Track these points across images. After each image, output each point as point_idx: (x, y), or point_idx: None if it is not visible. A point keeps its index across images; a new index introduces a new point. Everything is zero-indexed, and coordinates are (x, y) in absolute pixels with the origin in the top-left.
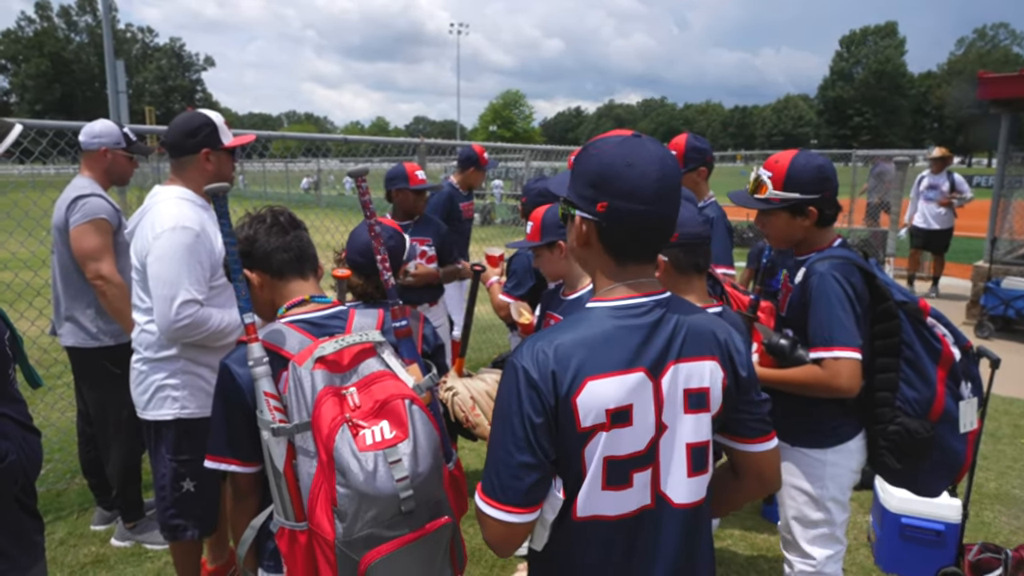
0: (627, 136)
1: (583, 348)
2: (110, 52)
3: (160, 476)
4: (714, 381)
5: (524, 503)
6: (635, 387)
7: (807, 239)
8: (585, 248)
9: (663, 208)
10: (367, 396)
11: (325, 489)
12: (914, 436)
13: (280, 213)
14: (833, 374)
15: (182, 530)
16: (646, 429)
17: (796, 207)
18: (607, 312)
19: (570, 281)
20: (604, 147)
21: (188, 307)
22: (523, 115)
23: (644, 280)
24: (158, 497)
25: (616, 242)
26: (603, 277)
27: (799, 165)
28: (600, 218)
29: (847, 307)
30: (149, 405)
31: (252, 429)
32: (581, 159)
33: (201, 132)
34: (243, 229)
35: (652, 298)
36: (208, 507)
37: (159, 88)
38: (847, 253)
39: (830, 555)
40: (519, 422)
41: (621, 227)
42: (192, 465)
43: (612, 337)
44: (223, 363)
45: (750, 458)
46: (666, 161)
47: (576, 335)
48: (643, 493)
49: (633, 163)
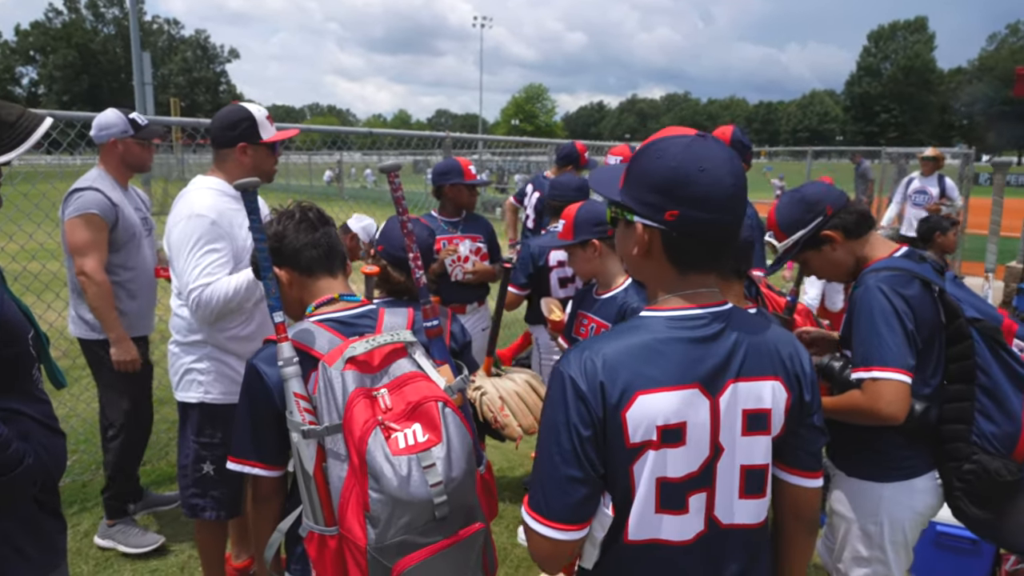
0: (693, 136)
1: (634, 359)
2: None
3: (184, 456)
4: (776, 402)
5: (572, 519)
6: (689, 404)
7: (859, 256)
8: (644, 257)
9: (735, 215)
10: (399, 398)
11: (357, 493)
12: (994, 478)
13: (309, 209)
14: (872, 397)
15: (200, 510)
16: (700, 450)
17: (812, 242)
18: (662, 322)
19: (604, 280)
20: (670, 150)
21: (193, 293)
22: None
23: (704, 290)
24: (180, 475)
25: (682, 251)
26: (661, 286)
27: (781, 208)
28: (668, 227)
29: (892, 323)
30: (179, 387)
31: (278, 431)
32: (643, 162)
33: (240, 126)
34: (271, 225)
35: (711, 310)
36: (227, 491)
37: (184, 80)
38: (906, 264)
39: None
40: (566, 434)
41: (691, 237)
42: (213, 448)
43: (665, 349)
44: (250, 362)
45: (792, 492)
46: (735, 164)
47: (626, 344)
48: (698, 518)
49: (706, 168)
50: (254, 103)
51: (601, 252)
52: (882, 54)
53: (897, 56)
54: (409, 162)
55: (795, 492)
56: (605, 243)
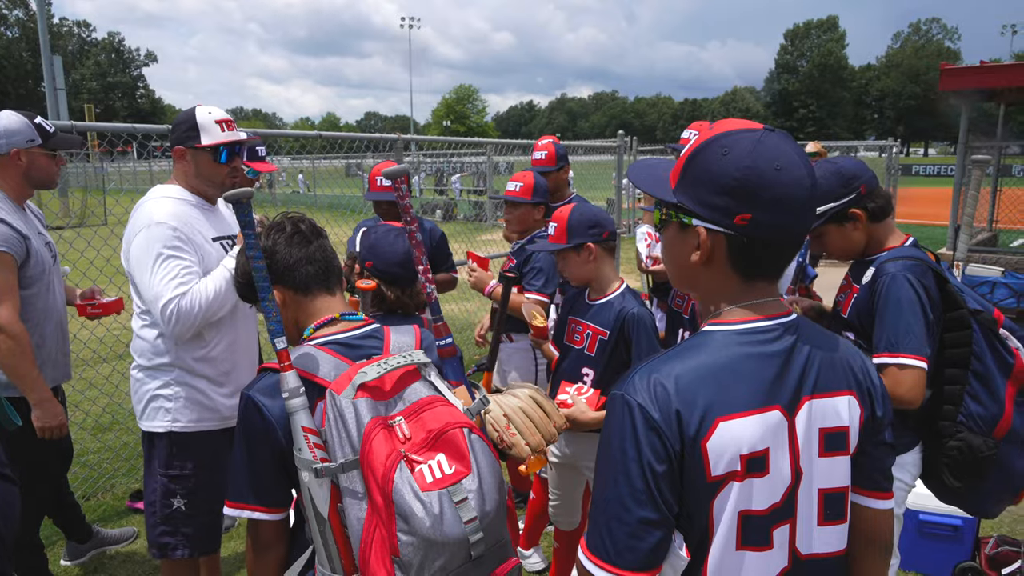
0: (761, 131)
1: (710, 381)
2: (46, 47)
3: (151, 491)
4: (852, 419)
5: (644, 566)
6: (773, 429)
7: (872, 239)
8: (705, 264)
9: (810, 218)
10: (418, 426)
11: (380, 535)
12: (976, 453)
13: (300, 220)
14: (895, 382)
15: (172, 548)
16: (782, 478)
17: (838, 216)
18: (732, 337)
19: (597, 285)
20: (738, 147)
21: (169, 305)
22: (476, 110)
23: (770, 300)
24: (147, 512)
25: (750, 258)
26: (723, 296)
27: (819, 176)
28: (739, 231)
29: (918, 312)
30: (143, 415)
31: (280, 469)
32: (705, 160)
33: (178, 129)
34: (260, 241)
35: (779, 321)
36: (200, 527)
37: (98, 85)
38: (920, 254)
39: None
40: (638, 471)
41: (765, 242)
42: (183, 481)
43: (742, 368)
44: (246, 394)
45: (865, 514)
46: (808, 161)
47: (698, 364)
48: (782, 553)
49: (783, 167)
50: (213, 107)
51: (596, 256)
52: (798, 52)
53: (812, 54)
54: (341, 165)
55: (868, 515)
56: (600, 246)
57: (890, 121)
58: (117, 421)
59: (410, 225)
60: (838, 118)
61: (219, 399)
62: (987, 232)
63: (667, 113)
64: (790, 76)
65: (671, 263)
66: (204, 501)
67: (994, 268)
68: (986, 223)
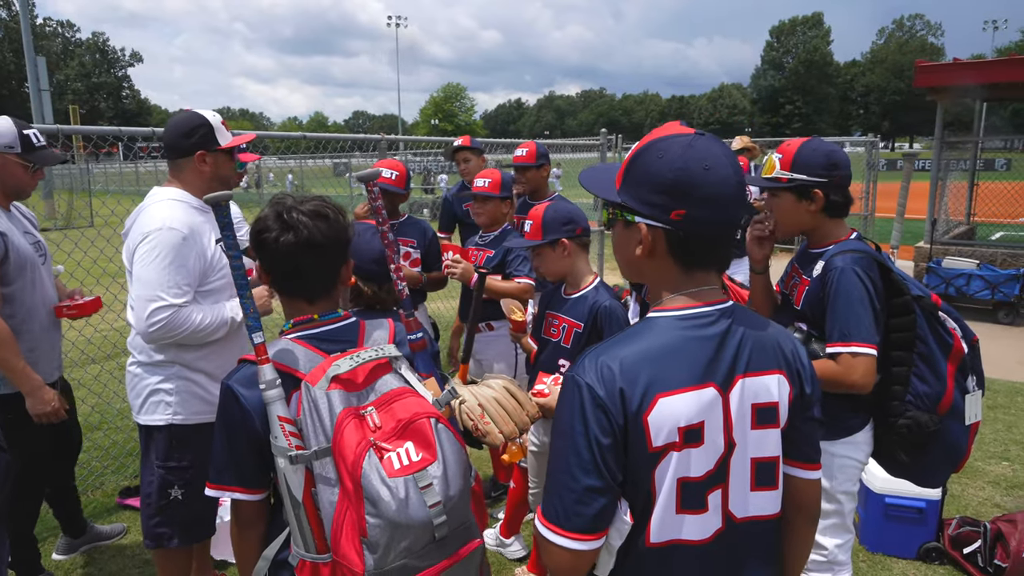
0: (692, 135)
1: (651, 362)
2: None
3: (147, 483)
4: (782, 395)
5: (591, 529)
6: (708, 404)
7: (819, 229)
8: (648, 257)
9: (739, 212)
10: (388, 415)
11: (351, 519)
12: (923, 429)
13: (304, 227)
14: (848, 369)
15: (167, 538)
16: (716, 448)
17: (802, 190)
18: (672, 323)
19: (572, 279)
20: (672, 150)
21: (162, 311)
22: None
23: (708, 288)
24: (143, 504)
25: (688, 250)
26: (666, 285)
27: (809, 148)
28: (675, 227)
29: (867, 303)
30: (142, 409)
31: (258, 454)
32: (644, 163)
33: (196, 133)
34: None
35: (717, 307)
36: (195, 516)
37: (83, 85)
38: (865, 247)
39: (840, 544)
40: (585, 444)
41: (698, 235)
42: (181, 473)
43: (681, 349)
44: (226, 384)
45: (794, 484)
46: (734, 159)
47: (642, 348)
48: (716, 516)
49: (710, 166)
50: (207, 110)
51: (571, 251)
52: (784, 48)
53: (798, 50)
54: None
55: (798, 484)
56: (574, 242)
57: (875, 116)
58: (105, 420)
59: (382, 225)
60: (824, 114)
61: (217, 393)
62: (964, 225)
63: (655, 110)
64: (776, 72)
65: (620, 257)
66: (199, 491)
67: (970, 261)
68: (963, 216)
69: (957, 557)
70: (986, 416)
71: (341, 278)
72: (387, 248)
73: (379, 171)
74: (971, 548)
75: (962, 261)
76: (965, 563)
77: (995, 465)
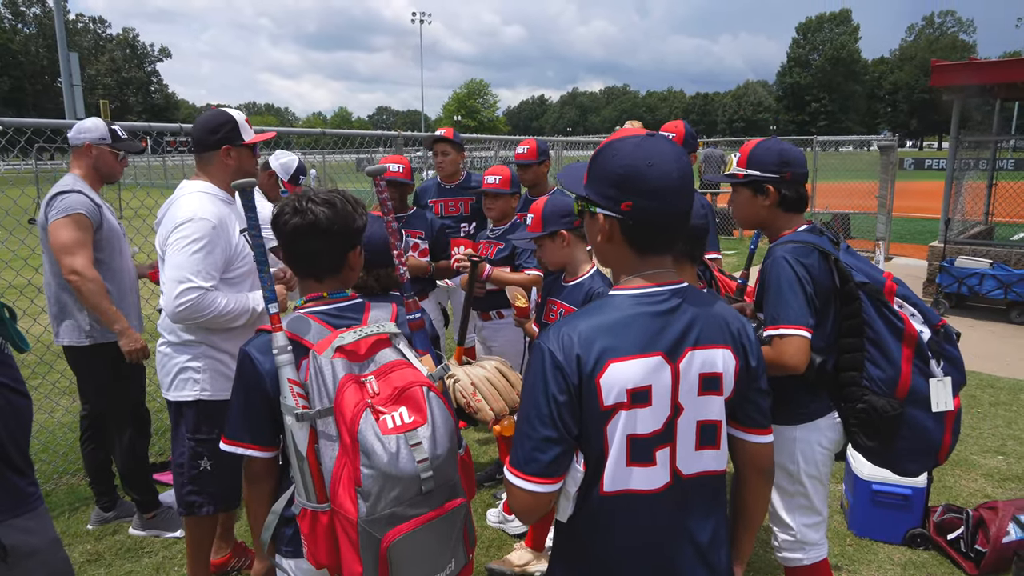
0: (644, 136)
1: (606, 333)
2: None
3: (179, 455)
4: (727, 367)
5: (546, 474)
6: (653, 369)
7: (774, 224)
8: (607, 243)
9: (683, 203)
10: (385, 383)
11: (348, 471)
12: (881, 414)
13: (312, 212)
14: (779, 351)
15: (199, 506)
16: (663, 409)
17: (756, 185)
18: (627, 300)
19: (571, 268)
20: (623, 149)
21: (190, 292)
22: (487, 104)
23: (662, 271)
24: (176, 474)
25: (638, 237)
26: (624, 268)
27: (763, 146)
28: (625, 216)
29: (795, 287)
30: (172, 386)
31: (270, 415)
32: (600, 161)
33: (222, 129)
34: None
35: (669, 288)
36: (224, 485)
37: (113, 80)
38: (808, 237)
39: (808, 523)
40: (544, 400)
41: (645, 223)
42: (210, 444)
43: (632, 323)
44: (243, 350)
45: (748, 448)
46: (682, 159)
47: (599, 320)
48: (664, 470)
49: (654, 163)
50: (231, 108)
51: (569, 242)
52: (810, 45)
53: (824, 47)
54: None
55: (751, 448)
56: (573, 233)
57: (903, 115)
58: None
59: (387, 216)
60: (850, 112)
61: None
62: (982, 225)
63: (678, 108)
64: (802, 70)
65: (590, 244)
66: (228, 462)
67: (983, 260)
68: (981, 216)
69: (941, 542)
70: (987, 412)
71: (349, 262)
72: (391, 236)
73: (386, 167)
74: (955, 534)
75: (975, 261)
76: (948, 548)
77: (990, 459)
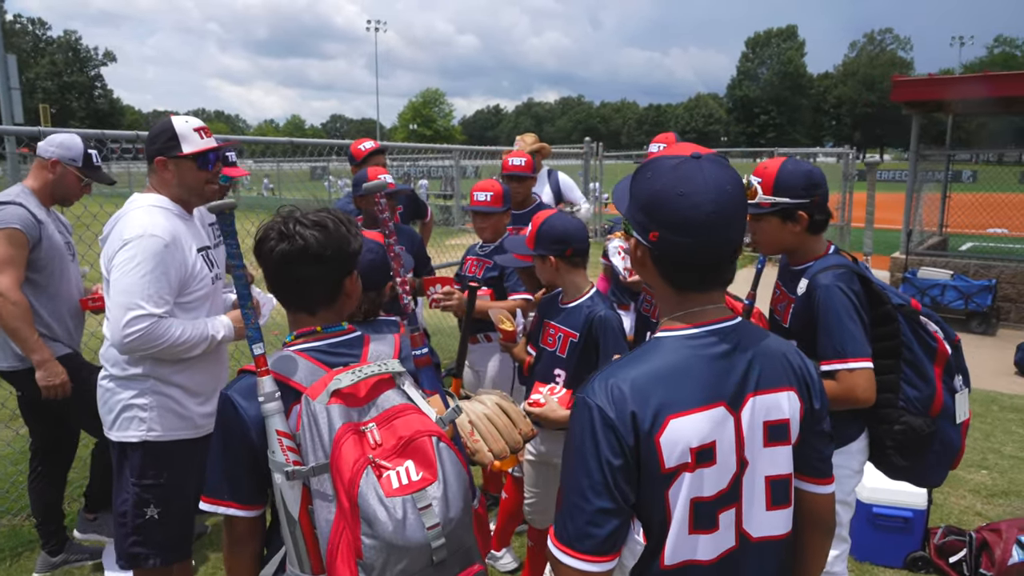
0: (685, 158)
1: (660, 383)
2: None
3: (122, 501)
4: (793, 412)
5: (603, 551)
6: (718, 423)
7: (801, 247)
8: (642, 269)
9: (716, 240)
10: (389, 432)
11: (347, 538)
12: (919, 433)
13: (303, 237)
14: (850, 387)
15: (144, 559)
16: (728, 466)
17: (786, 212)
18: (679, 342)
19: (568, 291)
20: (659, 170)
21: (140, 320)
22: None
23: (711, 307)
24: (118, 523)
25: (671, 273)
26: (666, 303)
27: (788, 170)
28: (653, 247)
29: (855, 318)
30: (115, 425)
31: (255, 468)
32: (638, 178)
33: (159, 140)
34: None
35: (721, 325)
36: (173, 535)
37: (54, 84)
38: (845, 260)
39: (837, 555)
40: (596, 465)
41: (674, 260)
42: (157, 490)
43: (689, 370)
44: (225, 394)
45: (808, 499)
46: (723, 188)
47: (650, 368)
48: (729, 534)
49: (685, 192)
50: (189, 116)
51: (558, 268)
52: (759, 59)
53: (772, 61)
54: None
55: (811, 499)
56: (562, 261)
57: (847, 128)
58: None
59: (388, 238)
60: (797, 124)
61: (194, 408)
62: (938, 236)
63: (632, 118)
64: (751, 83)
65: (634, 268)
66: (178, 509)
67: (944, 271)
68: (936, 227)
69: (943, 566)
70: None
71: (345, 290)
72: (393, 261)
73: (386, 181)
74: (956, 557)
75: (937, 272)
76: (951, 572)
77: (975, 473)
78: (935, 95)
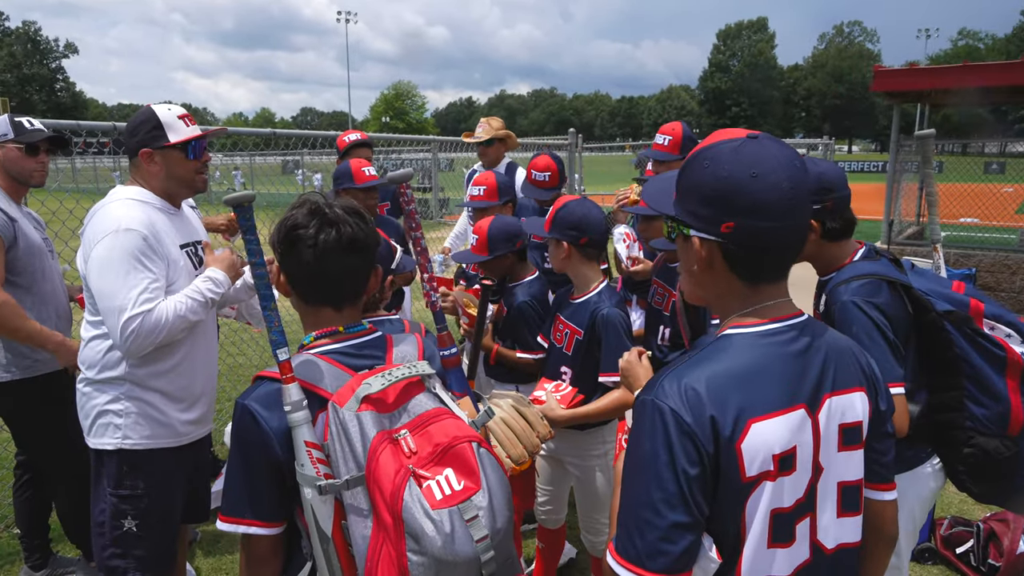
0: (743, 139)
1: (738, 384)
2: None
3: (99, 511)
4: (865, 414)
5: (676, 569)
6: (799, 427)
7: (821, 256)
8: (707, 271)
9: (798, 218)
10: (424, 439)
11: (389, 555)
12: (994, 456)
13: (341, 223)
14: None
15: (122, 572)
16: (805, 473)
17: None
18: (753, 339)
19: (578, 283)
20: (719, 156)
21: (132, 322)
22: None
23: (781, 301)
24: (95, 534)
25: (747, 263)
26: (733, 301)
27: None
28: (726, 239)
29: (876, 338)
30: (91, 432)
31: (276, 482)
32: (693, 172)
33: (140, 131)
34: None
35: (793, 321)
36: (154, 549)
37: (13, 77)
38: (870, 267)
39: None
40: (671, 475)
41: (753, 248)
42: (135, 501)
43: (767, 369)
44: (241, 403)
45: (874, 509)
46: (794, 163)
47: (724, 368)
48: (803, 546)
49: (759, 173)
50: (172, 104)
51: (570, 256)
52: (730, 51)
53: (743, 53)
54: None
55: (877, 508)
56: (575, 249)
57: (816, 119)
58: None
59: (415, 231)
60: (768, 116)
61: (174, 415)
62: (916, 226)
63: (604, 110)
64: (723, 75)
65: (683, 274)
66: (157, 522)
67: (925, 260)
68: (914, 217)
69: (950, 557)
70: None
71: (370, 286)
72: (420, 256)
73: (411, 171)
74: (964, 548)
75: (919, 261)
76: (958, 563)
77: None
78: (915, 85)
